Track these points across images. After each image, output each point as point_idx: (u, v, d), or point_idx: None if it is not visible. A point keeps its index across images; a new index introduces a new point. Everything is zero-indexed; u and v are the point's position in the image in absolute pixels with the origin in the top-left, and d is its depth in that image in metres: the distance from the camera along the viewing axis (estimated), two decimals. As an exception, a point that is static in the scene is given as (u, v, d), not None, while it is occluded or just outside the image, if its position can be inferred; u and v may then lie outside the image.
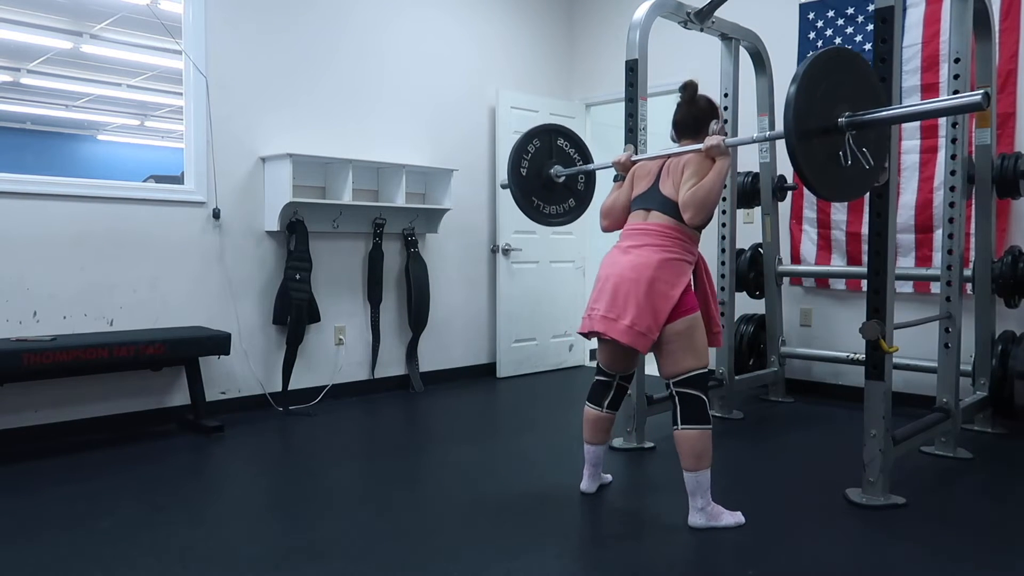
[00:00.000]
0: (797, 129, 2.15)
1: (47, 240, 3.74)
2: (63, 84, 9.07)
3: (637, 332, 2.59)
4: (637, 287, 2.60)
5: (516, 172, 3.29)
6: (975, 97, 2.16)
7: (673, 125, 2.91)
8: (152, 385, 4.08)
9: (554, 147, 3.38)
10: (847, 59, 2.41)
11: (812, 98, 2.22)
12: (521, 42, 5.91)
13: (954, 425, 3.46)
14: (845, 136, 2.29)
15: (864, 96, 2.37)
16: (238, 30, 4.36)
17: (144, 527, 2.64)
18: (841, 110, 2.29)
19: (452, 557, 2.39)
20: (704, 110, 2.82)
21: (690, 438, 2.59)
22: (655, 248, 2.66)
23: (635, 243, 2.73)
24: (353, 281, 4.90)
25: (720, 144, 2.62)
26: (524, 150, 3.31)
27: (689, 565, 2.41)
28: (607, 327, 2.65)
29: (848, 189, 2.43)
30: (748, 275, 4.79)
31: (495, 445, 3.85)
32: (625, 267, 2.67)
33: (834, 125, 2.27)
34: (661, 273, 2.61)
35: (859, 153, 2.32)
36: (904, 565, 2.35)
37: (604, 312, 2.66)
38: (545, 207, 3.38)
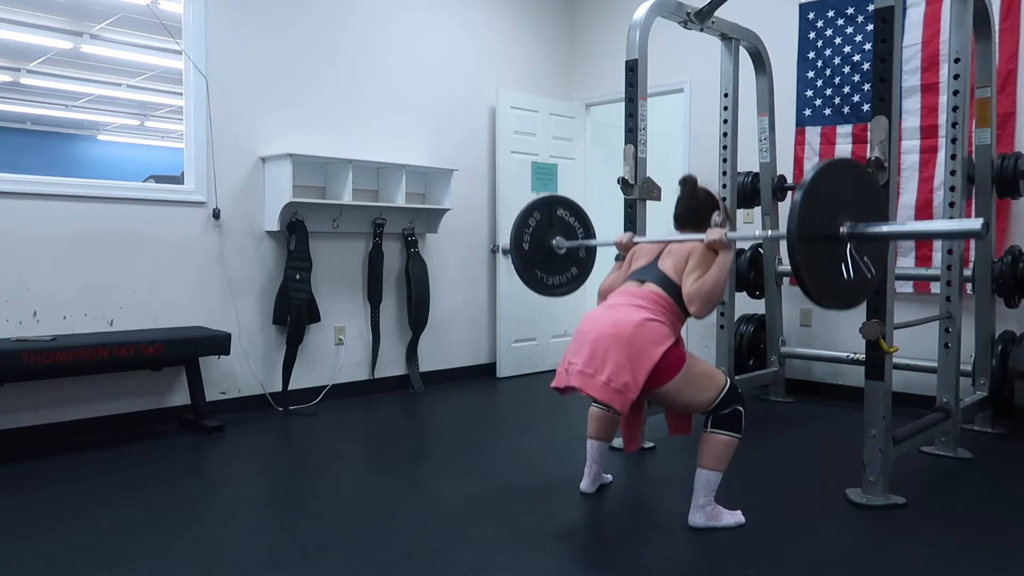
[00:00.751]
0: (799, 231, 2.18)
1: (47, 240, 3.74)
2: (63, 84, 9.07)
3: (614, 389, 2.45)
4: (616, 342, 2.49)
5: (519, 247, 3.29)
6: (975, 225, 2.19)
7: (674, 218, 2.91)
8: (152, 385, 4.08)
9: (554, 218, 3.39)
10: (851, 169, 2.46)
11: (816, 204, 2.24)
12: (521, 42, 5.91)
13: (954, 425, 3.46)
14: (846, 245, 2.31)
15: (866, 207, 2.38)
16: (238, 30, 4.36)
17: (144, 527, 2.64)
18: (843, 219, 2.31)
19: (452, 557, 2.39)
20: (704, 203, 2.82)
21: (718, 442, 2.61)
22: (640, 308, 2.59)
23: (621, 301, 2.67)
24: (353, 281, 4.90)
25: (723, 238, 2.60)
26: (525, 224, 3.31)
27: (689, 565, 2.41)
28: (583, 383, 2.52)
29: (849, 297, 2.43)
30: (748, 275, 4.79)
31: (495, 445, 3.85)
32: (605, 323, 2.57)
33: (835, 233, 2.30)
34: (642, 330, 2.51)
35: (861, 262, 2.34)
36: (904, 565, 2.35)
37: (581, 367, 2.54)
38: (548, 279, 3.39)
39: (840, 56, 4.77)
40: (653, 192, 3.66)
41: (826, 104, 4.84)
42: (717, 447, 2.60)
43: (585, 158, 6.18)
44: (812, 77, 4.89)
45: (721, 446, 2.60)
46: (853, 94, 4.72)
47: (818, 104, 4.87)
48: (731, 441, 2.61)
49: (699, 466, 2.62)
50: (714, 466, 2.60)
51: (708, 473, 2.60)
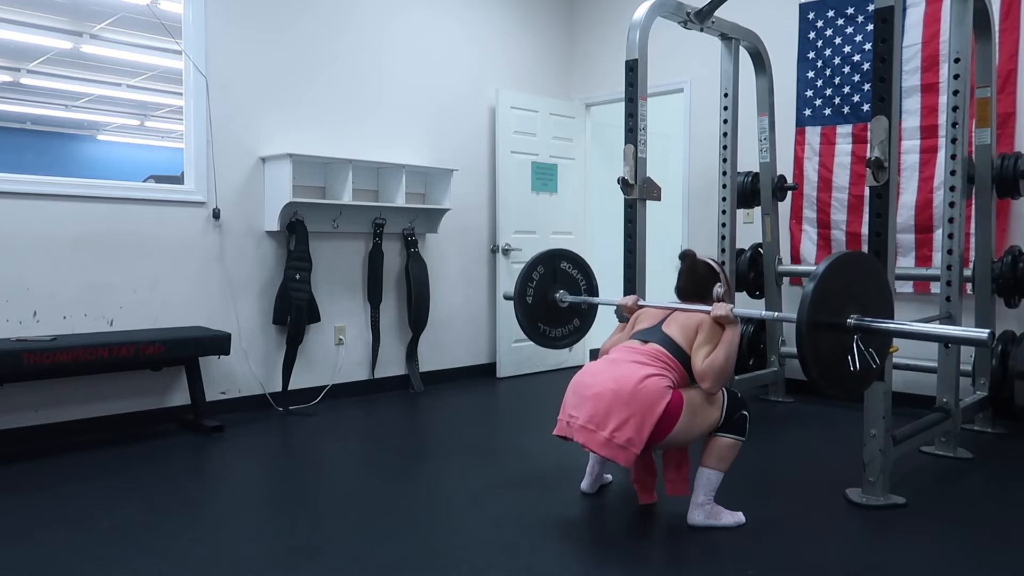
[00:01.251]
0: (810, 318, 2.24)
1: (47, 240, 3.74)
2: (63, 84, 9.07)
3: (617, 445, 2.46)
4: (618, 398, 2.49)
5: (523, 301, 3.30)
6: (981, 335, 2.24)
7: (676, 291, 2.95)
8: (152, 385, 4.08)
9: (558, 271, 3.41)
10: (862, 262, 2.52)
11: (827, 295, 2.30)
12: (521, 42, 5.91)
13: (954, 425, 3.46)
14: (853, 336, 2.36)
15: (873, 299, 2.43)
16: (238, 30, 4.36)
17: (144, 527, 2.64)
18: (850, 311, 2.35)
19: (452, 557, 2.39)
20: (705, 277, 2.87)
21: (723, 443, 2.64)
22: (642, 365, 2.59)
23: (623, 357, 2.67)
24: (353, 281, 4.90)
25: (728, 314, 2.63)
26: (529, 278, 3.33)
27: (689, 565, 2.41)
28: (586, 439, 2.53)
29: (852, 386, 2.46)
30: (748, 275, 4.79)
31: (495, 445, 3.85)
32: (607, 378, 2.57)
33: (843, 324, 2.34)
34: (645, 387, 2.50)
35: (866, 352, 2.38)
36: (904, 565, 2.35)
37: (583, 423, 2.54)
38: (551, 331, 3.41)
39: (840, 56, 4.77)
40: (653, 192, 3.66)
41: (826, 104, 4.84)
42: (721, 448, 2.64)
43: (585, 158, 6.18)
44: (812, 77, 4.89)
45: (725, 448, 2.64)
46: (853, 94, 4.72)
47: (818, 104, 4.87)
48: (735, 443, 2.65)
49: (701, 465, 2.65)
50: (716, 466, 2.63)
51: (710, 472, 2.63)
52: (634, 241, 3.62)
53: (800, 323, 2.25)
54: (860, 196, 4.64)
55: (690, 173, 5.51)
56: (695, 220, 5.47)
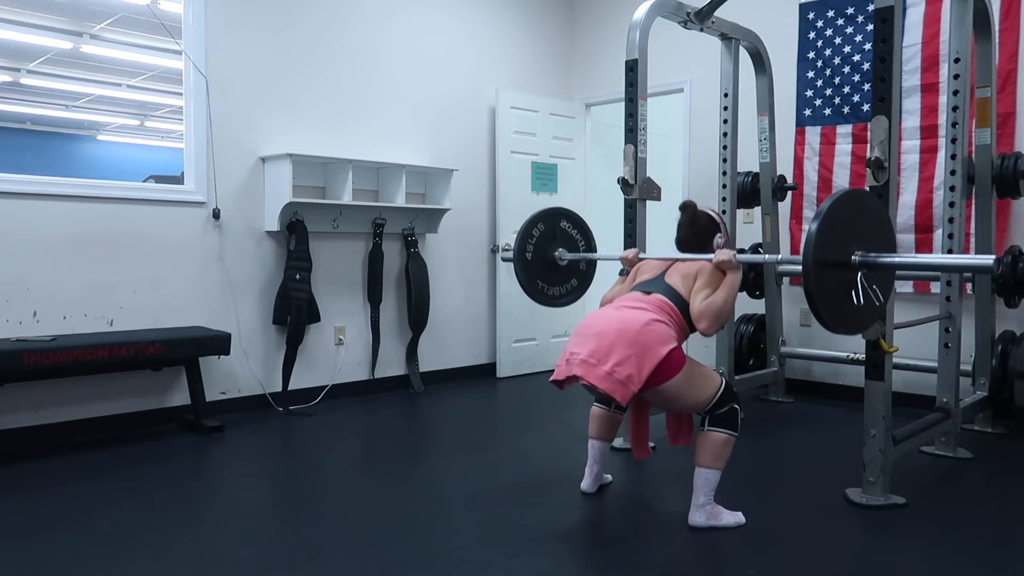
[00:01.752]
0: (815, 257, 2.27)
1: (47, 240, 3.74)
2: (63, 84, 9.07)
3: (616, 380, 2.45)
4: (623, 336, 2.51)
5: (522, 257, 3.33)
6: (987, 261, 2.28)
7: (676, 242, 2.96)
8: (152, 385, 4.08)
9: (558, 230, 3.44)
10: (864, 199, 2.55)
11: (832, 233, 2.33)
12: (521, 42, 5.91)
13: (954, 425, 3.46)
14: (857, 273, 2.39)
15: (876, 236, 2.47)
16: (238, 30, 4.36)
17: (144, 527, 2.64)
18: (855, 248, 2.39)
19: (452, 557, 2.39)
20: (706, 227, 2.89)
21: (716, 440, 2.62)
22: (646, 311, 2.62)
23: (628, 304, 2.70)
24: (353, 281, 4.90)
25: (732, 259, 2.67)
26: (529, 235, 3.36)
27: (689, 565, 2.41)
28: (585, 371, 2.50)
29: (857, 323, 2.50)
30: (748, 275, 4.79)
31: (495, 445, 3.85)
32: (612, 319, 2.60)
33: (847, 262, 2.38)
34: (648, 329, 2.53)
35: (870, 290, 2.42)
36: (904, 565, 2.35)
37: (584, 357, 2.52)
38: (549, 289, 3.43)
39: (840, 56, 4.77)
40: (653, 192, 3.66)
41: (826, 104, 4.84)
42: (715, 445, 2.61)
43: (585, 158, 6.18)
44: (812, 77, 4.90)
45: (718, 444, 2.62)
46: (853, 94, 4.72)
47: (818, 104, 4.87)
48: (728, 439, 2.63)
49: (697, 465, 2.64)
50: (712, 464, 2.61)
51: (707, 472, 2.62)
52: (634, 241, 3.62)
53: (806, 262, 2.26)
54: (860, 196, 4.64)
55: (690, 173, 5.51)
56: (695, 220, 5.46)
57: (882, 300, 2.47)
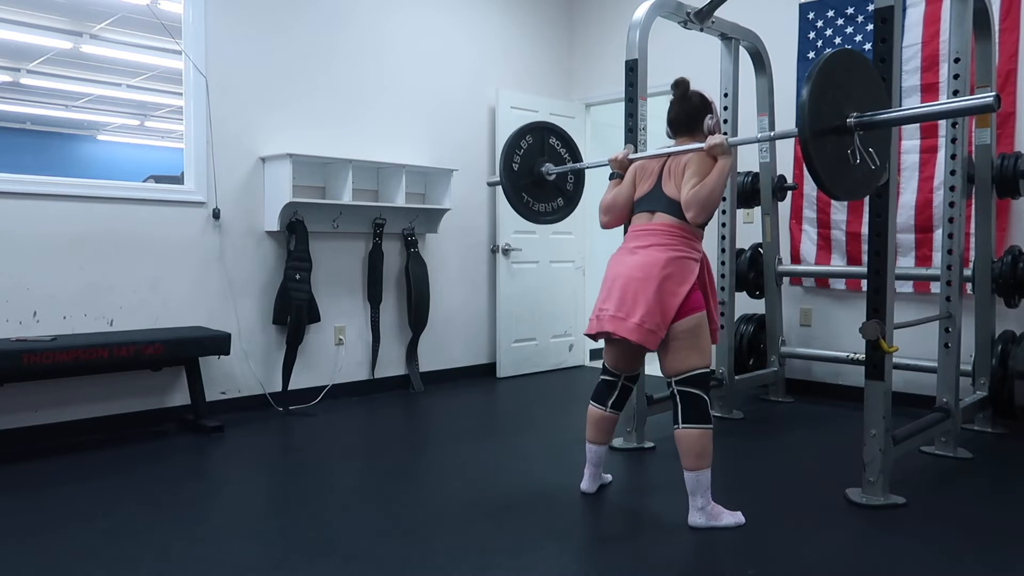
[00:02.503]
0: (811, 127, 2.22)
1: (47, 240, 3.74)
2: (63, 84, 9.07)
3: (647, 330, 2.59)
4: (646, 285, 2.61)
5: (508, 168, 3.30)
6: (987, 99, 2.20)
7: (668, 123, 2.92)
8: (152, 385, 4.08)
9: (546, 145, 3.41)
10: (854, 61, 2.47)
11: (824, 98, 2.29)
12: (521, 42, 5.91)
13: (954, 425, 3.46)
14: (854, 135, 2.36)
15: (869, 98, 2.43)
16: (238, 30, 4.36)
17: (144, 527, 2.64)
18: (849, 110, 2.35)
19: (452, 557, 2.39)
20: (697, 106, 2.83)
21: (691, 437, 2.60)
22: (662, 247, 2.67)
23: (641, 244, 2.74)
24: (353, 281, 4.90)
25: (723, 143, 2.64)
26: (517, 146, 3.33)
27: (689, 565, 2.41)
28: (616, 326, 2.65)
29: (856, 188, 2.50)
30: (748, 275, 4.79)
31: (495, 445, 3.85)
32: (633, 267, 2.68)
33: (843, 125, 2.34)
34: (669, 271, 2.62)
35: (865, 153, 2.38)
36: (904, 565, 2.35)
37: (613, 312, 2.66)
38: (534, 204, 3.40)
39: (840, 56, 4.76)
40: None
41: (826, 104, 4.83)
42: (693, 443, 2.60)
43: (585, 158, 6.16)
44: (812, 77, 4.89)
45: (696, 440, 2.60)
46: (853, 94, 4.72)
47: (818, 104, 4.86)
48: (703, 434, 2.61)
49: (684, 469, 2.63)
50: (698, 465, 2.60)
51: (694, 474, 2.61)
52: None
53: (802, 130, 2.22)
54: (860, 196, 4.64)
55: (690, 173, 5.50)
56: (695, 220, 5.46)
57: (878, 163, 2.43)
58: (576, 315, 6.13)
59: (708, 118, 2.79)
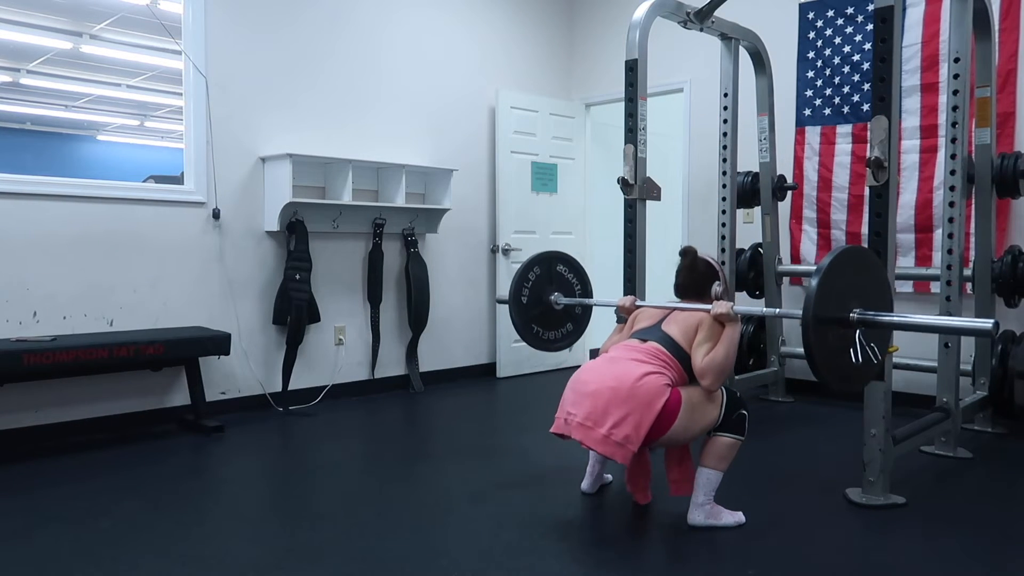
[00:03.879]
0: (815, 316, 2.26)
1: (47, 240, 3.74)
2: (63, 84, 9.07)
3: (614, 442, 2.47)
4: (616, 395, 2.51)
5: (517, 301, 3.29)
6: (986, 325, 2.26)
7: (675, 287, 2.95)
8: (152, 385, 4.08)
9: (554, 273, 3.41)
10: (865, 259, 2.54)
11: (831, 290, 2.33)
12: (521, 42, 5.91)
13: (954, 425, 3.46)
14: (855, 331, 2.38)
15: (874, 294, 2.47)
16: (238, 30, 4.36)
17: (144, 527, 2.64)
18: (853, 305, 2.38)
19: (452, 557, 2.39)
20: (705, 275, 2.87)
21: (722, 443, 2.64)
22: (640, 363, 2.60)
23: (622, 355, 2.68)
24: (353, 281, 4.90)
25: (729, 312, 2.64)
26: (525, 278, 3.33)
27: (689, 565, 2.41)
28: (583, 435, 2.54)
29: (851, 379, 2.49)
30: (748, 275, 4.79)
31: (495, 445, 3.85)
32: (606, 376, 2.59)
33: (846, 319, 2.37)
34: (643, 384, 2.52)
35: (867, 347, 2.41)
36: (904, 565, 2.35)
37: (581, 420, 2.55)
38: (544, 333, 3.40)
39: (840, 56, 4.77)
40: (653, 192, 3.66)
41: (826, 104, 4.84)
42: (720, 448, 2.63)
43: (585, 158, 6.18)
44: (812, 77, 4.90)
45: (724, 447, 2.64)
46: (853, 94, 4.72)
47: (818, 104, 4.87)
48: (735, 443, 2.65)
49: (701, 465, 2.64)
50: (716, 466, 2.63)
51: (709, 472, 2.63)
52: (634, 241, 3.62)
53: (806, 318, 2.25)
54: (860, 196, 4.64)
55: (690, 173, 5.51)
56: (695, 220, 5.47)
57: (879, 358, 2.46)
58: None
59: (716, 284, 2.83)
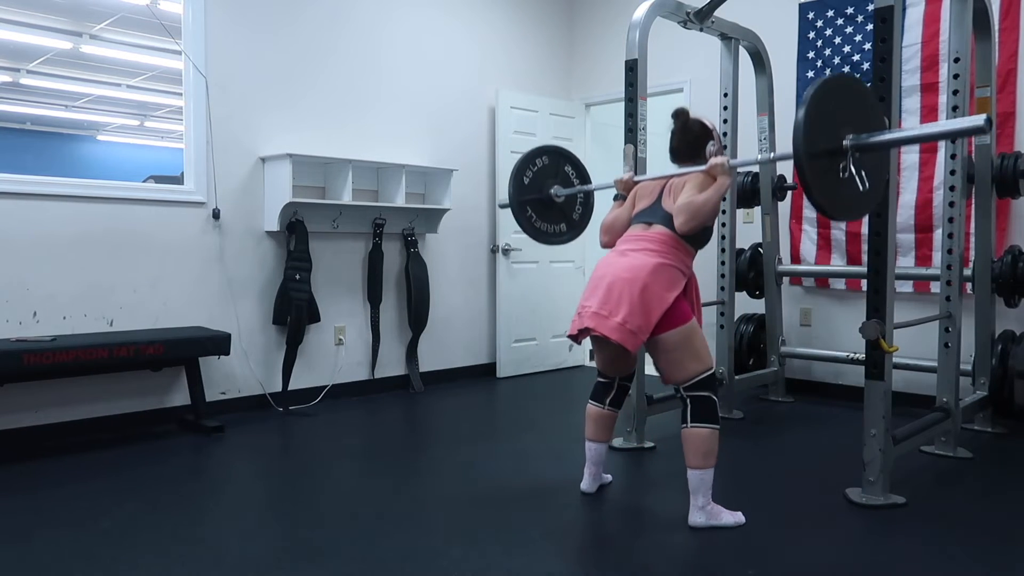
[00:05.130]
0: (807, 150, 2.23)
1: (47, 240, 3.74)
2: (63, 84, 9.08)
3: (628, 330, 2.56)
4: (631, 286, 2.58)
5: (519, 178, 3.32)
6: (977, 121, 2.20)
7: (670, 152, 2.95)
8: (152, 385, 4.08)
9: (560, 171, 3.44)
10: (849, 85, 2.48)
11: (819, 120, 2.30)
12: (521, 42, 5.91)
13: (954, 424, 3.46)
14: (848, 157, 2.37)
15: (864, 121, 2.44)
16: (238, 30, 4.36)
17: (144, 527, 2.64)
18: (844, 132, 2.37)
19: (452, 556, 2.39)
20: (698, 135, 2.85)
21: (698, 436, 2.61)
22: (652, 253, 2.67)
23: (632, 247, 2.74)
24: (353, 281, 4.90)
25: (723, 163, 2.67)
26: (532, 161, 3.36)
27: (688, 565, 2.41)
28: (597, 323, 2.61)
29: (851, 209, 2.50)
30: (748, 275, 4.80)
31: (495, 445, 3.85)
32: (620, 268, 2.66)
33: (839, 147, 2.35)
34: (656, 276, 2.61)
35: (858, 175, 2.40)
36: (904, 565, 2.35)
37: (596, 309, 2.63)
38: (537, 220, 3.42)
39: (840, 56, 4.77)
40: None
41: (826, 104, 4.83)
42: (699, 443, 2.61)
43: (585, 158, 6.14)
44: (812, 77, 4.89)
45: (703, 440, 2.61)
46: (853, 94, 4.72)
47: (818, 104, 4.86)
48: (711, 433, 2.62)
49: (688, 467, 2.64)
50: (702, 464, 2.61)
51: (699, 472, 2.61)
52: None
53: (797, 152, 2.23)
54: (860, 196, 4.63)
55: (690, 173, 5.50)
56: (695, 220, 5.46)
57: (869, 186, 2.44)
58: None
59: (710, 144, 2.81)
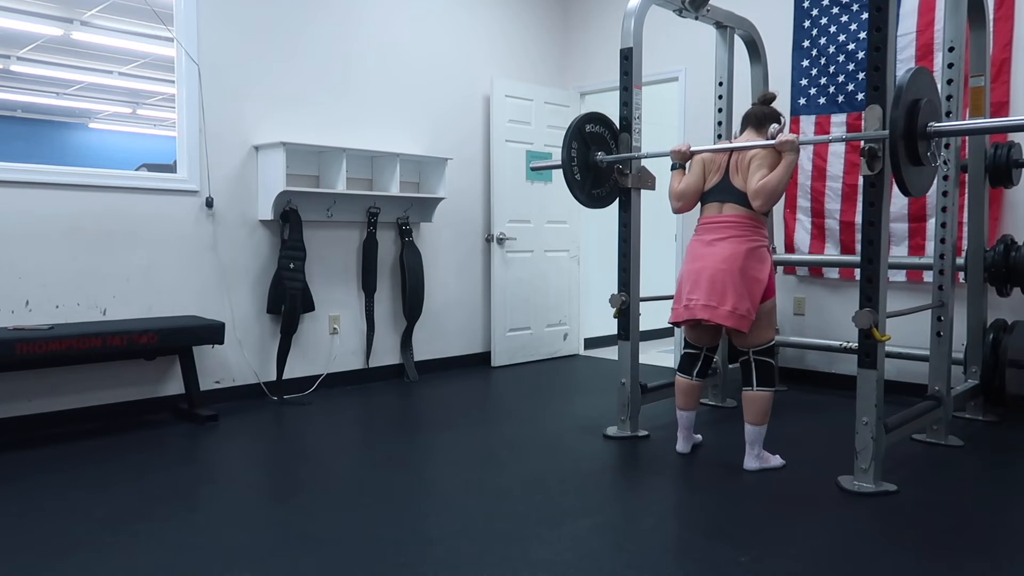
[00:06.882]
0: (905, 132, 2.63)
1: (39, 229, 3.72)
2: (54, 71, 8.99)
3: (740, 315, 3.00)
4: (732, 276, 3.00)
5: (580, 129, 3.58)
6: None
7: (744, 117, 3.29)
8: (146, 374, 4.07)
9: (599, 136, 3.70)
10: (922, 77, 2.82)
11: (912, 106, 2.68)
12: (516, 30, 5.88)
13: (945, 413, 3.48)
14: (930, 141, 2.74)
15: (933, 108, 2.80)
16: (230, 17, 4.33)
17: (139, 516, 2.64)
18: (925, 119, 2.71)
19: (447, 544, 2.40)
20: (771, 113, 3.23)
21: (762, 398, 3.09)
22: (739, 239, 3.05)
23: (717, 236, 3.10)
24: (347, 270, 4.89)
25: (793, 141, 2.99)
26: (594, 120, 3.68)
27: (682, 553, 2.42)
28: (711, 314, 3.03)
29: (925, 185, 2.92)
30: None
31: (490, 433, 3.86)
32: (716, 259, 3.05)
33: (923, 131, 2.70)
34: (750, 261, 3.03)
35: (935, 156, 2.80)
36: (895, 552, 2.37)
37: (704, 301, 3.04)
38: (578, 173, 3.59)
39: (835, 44, 4.76)
40: (648, 182, 3.66)
41: (821, 93, 4.83)
42: (761, 404, 3.09)
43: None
44: (807, 66, 4.89)
45: (764, 401, 3.09)
46: (848, 83, 4.72)
47: (813, 93, 4.87)
48: (769, 396, 3.10)
49: (747, 423, 3.10)
50: (760, 421, 3.09)
51: (757, 428, 3.09)
52: (628, 231, 3.62)
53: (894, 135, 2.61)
54: (854, 185, 4.64)
55: (685, 162, 5.50)
56: (689, 209, 5.47)
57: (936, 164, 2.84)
58: (571, 304, 6.14)
59: (775, 124, 3.16)
